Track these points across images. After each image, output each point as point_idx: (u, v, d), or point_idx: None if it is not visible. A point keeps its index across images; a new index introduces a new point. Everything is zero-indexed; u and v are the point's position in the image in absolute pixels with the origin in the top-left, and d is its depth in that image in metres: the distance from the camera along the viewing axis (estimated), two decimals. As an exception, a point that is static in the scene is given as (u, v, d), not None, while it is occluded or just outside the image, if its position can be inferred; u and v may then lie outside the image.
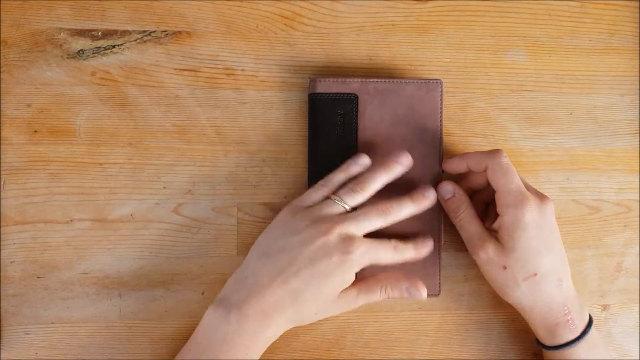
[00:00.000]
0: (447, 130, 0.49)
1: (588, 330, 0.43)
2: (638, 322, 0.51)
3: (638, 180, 0.51)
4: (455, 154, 0.48)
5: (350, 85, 0.45)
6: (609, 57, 0.51)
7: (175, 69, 0.46)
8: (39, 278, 0.45)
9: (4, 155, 0.44)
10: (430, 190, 0.43)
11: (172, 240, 0.46)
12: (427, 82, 0.46)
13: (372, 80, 0.46)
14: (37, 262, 0.45)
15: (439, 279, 0.47)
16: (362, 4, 0.48)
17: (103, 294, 0.45)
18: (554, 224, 0.43)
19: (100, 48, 0.45)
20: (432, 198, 0.43)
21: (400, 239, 0.43)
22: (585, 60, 0.51)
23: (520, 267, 0.42)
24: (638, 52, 0.51)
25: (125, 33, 0.46)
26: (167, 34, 0.46)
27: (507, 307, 0.48)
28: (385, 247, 0.42)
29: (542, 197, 0.43)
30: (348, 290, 0.41)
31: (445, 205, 0.45)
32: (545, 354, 0.46)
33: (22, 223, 0.44)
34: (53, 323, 0.45)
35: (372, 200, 0.42)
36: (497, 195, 0.43)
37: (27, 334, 0.45)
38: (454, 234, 0.46)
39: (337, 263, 0.39)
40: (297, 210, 0.42)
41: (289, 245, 0.40)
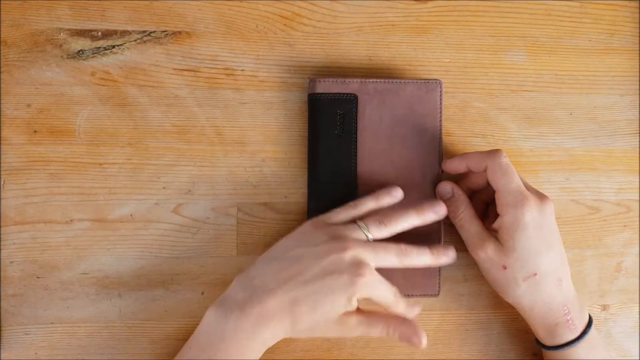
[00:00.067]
0: (446, 131, 0.49)
1: (588, 330, 0.43)
2: (638, 322, 0.51)
3: (638, 181, 0.51)
4: (455, 154, 0.48)
5: (350, 86, 0.45)
6: (609, 57, 0.51)
7: (175, 69, 0.46)
8: (39, 278, 0.45)
9: (4, 156, 0.44)
10: (451, 250, 0.43)
11: (171, 241, 0.46)
12: (426, 82, 0.46)
13: (371, 81, 0.46)
14: (36, 262, 0.45)
15: (439, 279, 0.47)
16: (361, 4, 0.48)
17: (103, 294, 0.45)
18: (554, 224, 0.43)
19: (100, 48, 0.45)
20: (452, 256, 0.43)
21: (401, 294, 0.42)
22: (585, 61, 0.51)
23: (520, 267, 0.42)
24: (638, 52, 0.51)
25: (125, 33, 0.46)
26: (166, 34, 0.46)
27: (506, 307, 0.49)
28: (388, 290, 0.41)
29: (542, 197, 0.43)
30: (349, 317, 0.40)
31: (445, 205, 0.45)
32: (545, 354, 0.46)
33: (21, 223, 0.44)
34: (53, 323, 0.45)
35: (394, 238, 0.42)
36: (497, 195, 0.43)
37: (26, 334, 0.45)
38: (454, 234, 0.46)
39: (343, 283, 0.39)
40: (319, 225, 0.42)
41: (302, 256, 0.40)
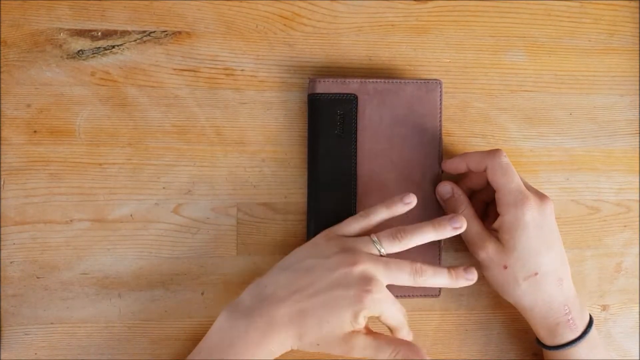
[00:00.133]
0: (446, 131, 0.49)
1: (589, 330, 0.43)
2: (638, 322, 0.51)
3: (638, 181, 0.51)
4: (455, 154, 0.48)
5: (350, 86, 0.45)
6: (609, 57, 0.51)
7: (175, 69, 0.46)
8: (39, 278, 0.45)
9: (4, 156, 0.44)
10: (473, 272, 0.42)
11: (171, 241, 0.46)
12: (426, 82, 0.46)
13: (371, 81, 0.46)
14: (36, 262, 0.45)
15: (439, 279, 0.47)
16: (361, 4, 0.48)
17: (103, 294, 0.45)
18: (554, 224, 0.43)
19: (100, 48, 0.45)
20: (472, 279, 0.42)
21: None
22: (585, 61, 0.51)
23: (521, 266, 0.42)
24: (638, 52, 0.51)
25: (125, 33, 0.46)
26: (166, 34, 0.46)
27: (506, 307, 0.48)
28: (398, 311, 0.40)
29: (542, 196, 0.43)
30: (356, 337, 0.39)
31: (445, 205, 0.45)
32: (546, 354, 0.46)
33: (21, 223, 0.44)
34: (53, 323, 0.45)
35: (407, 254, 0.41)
36: (497, 195, 0.43)
37: (26, 334, 0.45)
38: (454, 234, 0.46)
39: (352, 298, 0.38)
40: (332, 237, 0.42)
41: (313, 268, 0.40)
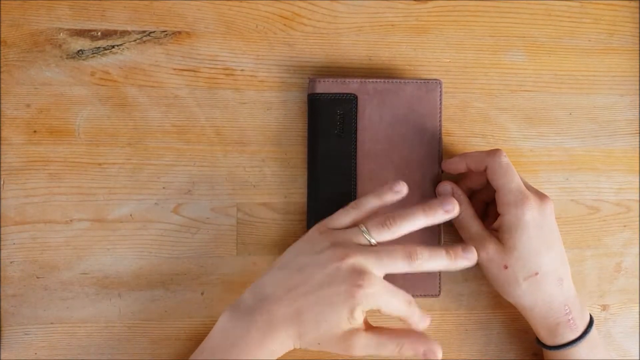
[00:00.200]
0: (446, 131, 0.49)
1: (589, 330, 0.43)
2: (638, 322, 0.51)
3: (638, 181, 0.51)
4: (455, 154, 0.48)
5: (350, 86, 0.45)
6: (609, 57, 0.51)
7: (175, 69, 0.46)
8: (39, 278, 0.45)
9: (4, 156, 0.44)
10: (472, 251, 0.40)
11: (171, 241, 0.46)
12: (426, 82, 0.46)
13: (371, 81, 0.46)
14: (36, 262, 0.45)
15: (439, 279, 0.47)
16: (361, 4, 0.48)
17: (102, 294, 0.45)
18: (554, 224, 0.43)
19: (100, 48, 0.45)
20: (472, 259, 0.40)
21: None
22: (585, 61, 0.51)
23: (521, 266, 0.42)
24: (637, 52, 0.51)
25: (125, 33, 0.46)
26: (166, 34, 0.46)
27: (506, 307, 0.48)
28: (399, 298, 0.38)
29: (542, 196, 0.43)
30: (356, 335, 0.38)
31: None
32: (546, 354, 0.46)
33: (21, 223, 0.44)
34: (53, 323, 0.45)
35: (401, 239, 0.39)
36: (497, 195, 0.43)
37: (26, 334, 0.45)
38: (454, 234, 0.46)
39: (343, 294, 0.37)
40: (323, 230, 0.41)
41: (306, 265, 0.39)
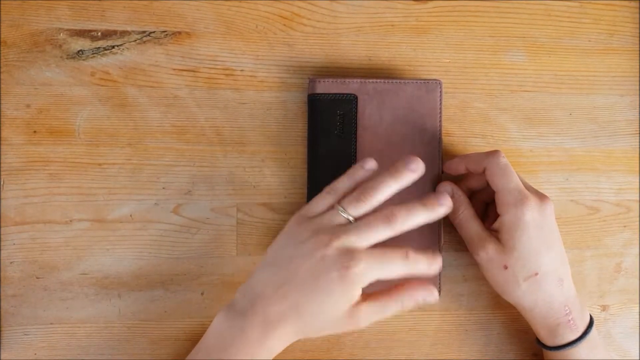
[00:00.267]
0: (446, 131, 0.49)
1: (589, 331, 0.43)
2: (638, 322, 0.51)
3: (638, 181, 0.51)
4: (455, 155, 0.48)
5: (350, 86, 0.45)
6: (609, 57, 0.51)
7: (175, 70, 0.46)
8: (38, 278, 0.45)
9: (4, 156, 0.44)
10: (446, 198, 0.40)
11: (171, 241, 0.46)
12: (426, 82, 0.46)
13: (371, 81, 0.46)
14: (36, 262, 0.45)
15: (439, 280, 0.47)
16: (361, 5, 0.48)
17: (102, 295, 0.45)
18: (554, 224, 0.43)
19: (100, 48, 0.45)
20: (448, 205, 0.39)
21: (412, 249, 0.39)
22: (585, 61, 0.51)
23: (521, 266, 0.42)
24: (637, 52, 0.51)
25: (125, 33, 0.46)
26: (166, 35, 0.46)
27: (506, 307, 0.48)
28: (393, 258, 0.38)
29: (542, 196, 0.43)
30: (359, 309, 0.38)
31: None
32: (546, 354, 0.46)
33: (21, 223, 0.44)
34: (52, 323, 0.45)
35: (378, 209, 0.39)
36: (496, 196, 0.43)
37: (26, 335, 0.45)
38: (454, 234, 0.46)
39: (336, 279, 0.37)
40: (301, 221, 0.40)
41: (292, 256, 0.39)
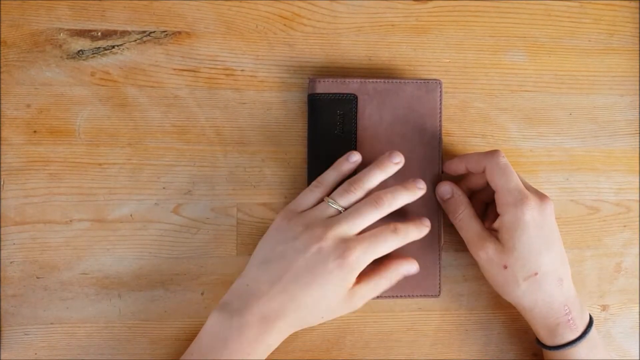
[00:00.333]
0: (446, 131, 0.49)
1: (589, 330, 0.43)
2: (638, 322, 0.51)
3: (637, 181, 0.51)
4: (455, 154, 0.48)
5: (350, 86, 0.45)
6: (609, 57, 0.51)
7: (175, 70, 0.46)
8: (39, 278, 0.45)
9: (4, 156, 0.44)
10: (422, 182, 0.43)
11: (171, 241, 0.46)
12: (426, 82, 0.46)
13: (371, 81, 0.46)
14: (36, 262, 0.45)
15: (439, 280, 0.47)
16: (361, 4, 0.48)
17: (102, 295, 0.45)
18: (554, 224, 0.43)
19: (100, 48, 0.45)
20: (424, 187, 0.43)
21: (399, 222, 0.42)
22: (585, 61, 0.51)
23: (521, 266, 0.42)
24: (637, 52, 0.51)
25: (125, 33, 0.46)
26: (166, 35, 0.46)
27: (506, 307, 0.49)
28: (385, 235, 0.40)
29: (542, 196, 0.42)
30: (354, 292, 0.40)
31: (445, 206, 0.45)
32: (546, 354, 0.46)
33: (21, 223, 0.44)
34: (52, 323, 0.45)
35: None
36: (496, 195, 0.43)
37: (26, 335, 0.45)
38: (454, 234, 0.46)
39: (334, 269, 0.39)
40: (291, 216, 0.42)
41: (286, 253, 0.40)
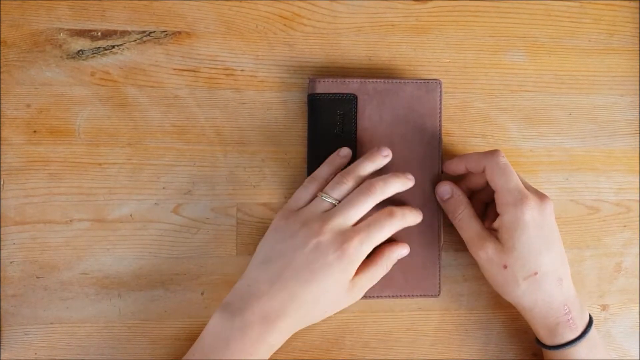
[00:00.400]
0: (446, 131, 0.49)
1: (589, 330, 0.43)
2: (637, 322, 0.51)
3: (637, 181, 0.51)
4: (455, 154, 0.48)
5: (350, 86, 0.45)
6: (608, 57, 0.51)
7: (175, 69, 0.46)
8: (39, 278, 0.45)
9: (4, 156, 0.44)
10: (409, 175, 0.43)
11: (171, 241, 0.46)
12: (426, 82, 0.46)
13: (371, 81, 0.46)
14: (36, 262, 0.45)
15: (439, 280, 0.47)
16: (361, 4, 0.48)
17: (102, 294, 0.45)
18: (554, 224, 0.43)
19: (100, 48, 0.45)
20: (412, 179, 0.43)
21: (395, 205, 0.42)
22: (585, 61, 0.51)
23: (521, 266, 0.42)
24: (637, 52, 0.51)
25: (125, 33, 0.46)
26: (166, 34, 0.46)
27: (506, 307, 0.49)
28: (380, 221, 0.41)
29: (541, 196, 0.43)
30: (355, 283, 0.41)
31: (444, 206, 0.45)
32: (546, 354, 0.46)
33: (21, 223, 0.44)
34: (52, 323, 0.45)
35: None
36: (496, 195, 0.43)
37: (26, 334, 0.45)
38: (454, 234, 0.46)
39: (334, 262, 0.39)
40: (288, 215, 0.42)
41: (284, 250, 0.40)
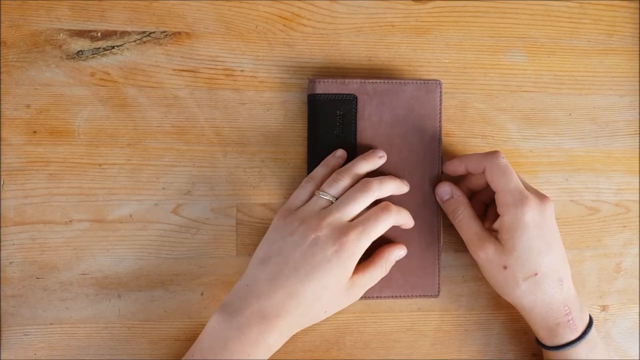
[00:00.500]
0: (446, 131, 0.49)
1: (589, 331, 0.43)
2: (637, 322, 0.51)
3: (637, 181, 0.51)
4: (455, 155, 0.48)
5: (350, 86, 0.45)
6: (608, 58, 0.51)
7: (175, 70, 0.46)
8: (38, 279, 0.45)
9: (3, 156, 0.44)
10: (405, 181, 0.45)
11: (171, 241, 0.46)
12: (426, 82, 0.46)
13: (371, 81, 0.46)
14: (36, 262, 0.45)
15: (438, 280, 0.47)
16: (361, 5, 0.48)
17: (102, 295, 0.45)
18: (554, 224, 0.43)
19: (100, 49, 0.45)
20: (408, 185, 0.44)
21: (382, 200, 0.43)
22: (584, 61, 0.51)
23: (521, 266, 0.42)
24: (637, 52, 0.51)
25: (125, 34, 0.46)
26: (166, 35, 0.46)
27: (506, 307, 0.49)
28: (376, 215, 0.41)
29: (542, 197, 0.43)
30: (354, 281, 0.41)
31: (444, 206, 0.45)
32: (546, 354, 0.46)
33: (21, 224, 0.44)
34: (52, 324, 0.45)
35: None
36: (496, 196, 0.43)
37: (26, 335, 0.45)
38: (453, 235, 0.46)
39: (332, 256, 0.39)
40: (287, 214, 0.42)
41: (283, 248, 0.40)
